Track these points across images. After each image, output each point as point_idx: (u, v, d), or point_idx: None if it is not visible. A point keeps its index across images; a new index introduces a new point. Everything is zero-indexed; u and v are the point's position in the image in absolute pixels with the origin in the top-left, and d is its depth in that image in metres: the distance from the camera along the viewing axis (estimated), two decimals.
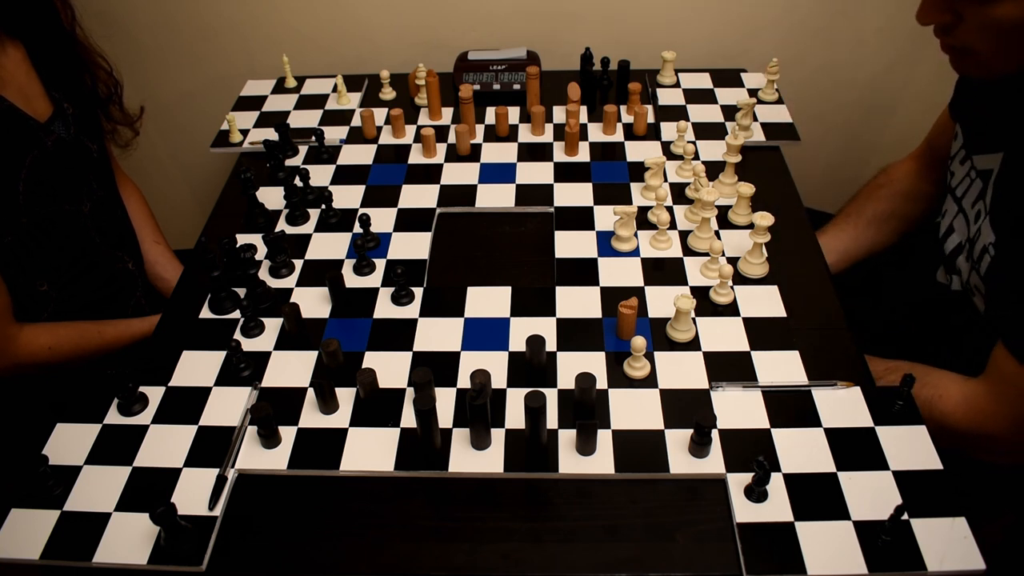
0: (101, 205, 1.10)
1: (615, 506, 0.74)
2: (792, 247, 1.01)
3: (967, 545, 0.68)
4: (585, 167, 1.16)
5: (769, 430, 0.79)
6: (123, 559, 0.70)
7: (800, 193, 1.11)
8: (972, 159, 0.95)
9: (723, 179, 1.09)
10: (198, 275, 1.01)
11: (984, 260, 0.89)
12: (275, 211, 1.10)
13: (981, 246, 0.90)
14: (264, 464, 0.78)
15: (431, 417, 0.76)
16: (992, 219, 0.88)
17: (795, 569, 0.67)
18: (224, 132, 1.24)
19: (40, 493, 0.75)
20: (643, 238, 1.03)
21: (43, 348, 1.00)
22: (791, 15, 1.48)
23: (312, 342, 0.91)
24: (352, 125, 1.27)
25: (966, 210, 0.96)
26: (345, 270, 1.00)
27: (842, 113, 1.64)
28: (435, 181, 1.14)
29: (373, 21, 1.49)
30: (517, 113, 1.27)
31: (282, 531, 0.73)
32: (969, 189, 0.95)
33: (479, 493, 0.76)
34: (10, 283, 0.97)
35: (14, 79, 0.98)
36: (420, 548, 0.72)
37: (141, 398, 0.84)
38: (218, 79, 1.57)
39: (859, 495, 0.73)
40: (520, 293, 0.96)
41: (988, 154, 0.91)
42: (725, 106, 1.27)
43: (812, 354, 0.87)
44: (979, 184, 0.93)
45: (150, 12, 1.49)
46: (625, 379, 0.85)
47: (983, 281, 0.90)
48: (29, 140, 0.97)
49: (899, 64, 1.55)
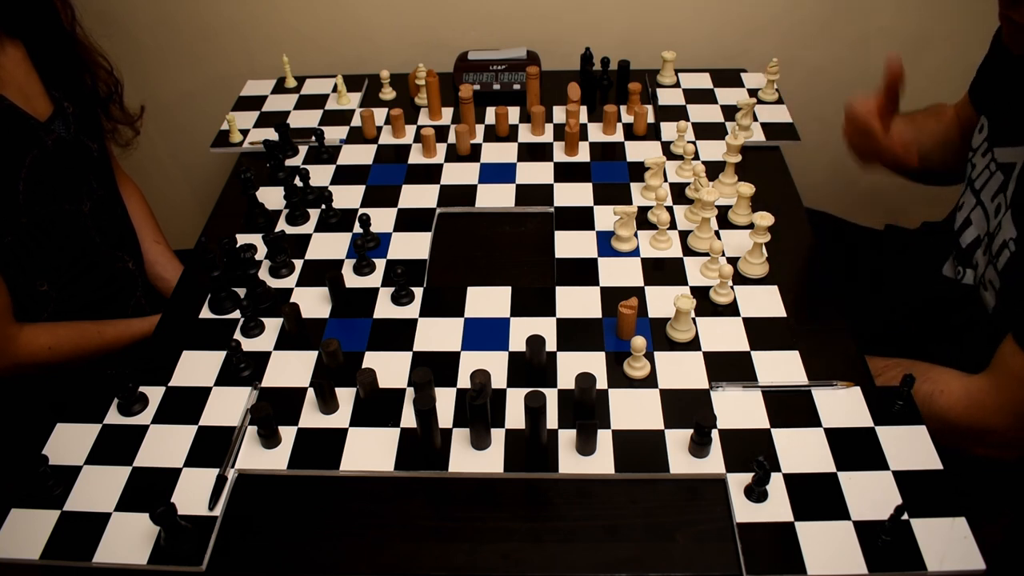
0: (101, 205, 1.10)
1: (615, 506, 0.74)
2: (792, 247, 1.01)
3: (967, 545, 0.68)
4: (585, 167, 1.16)
5: (769, 430, 0.79)
6: (123, 559, 0.70)
7: (800, 193, 1.11)
8: (993, 151, 0.95)
9: (723, 179, 1.09)
10: (198, 275, 1.01)
11: (1003, 255, 0.88)
12: (275, 211, 1.10)
13: (1000, 241, 0.89)
14: (264, 464, 0.78)
15: (431, 417, 0.76)
16: (1015, 214, 0.87)
17: (795, 569, 0.67)
18: (224, 132, 1.24)
19: (40, 493, 0.75)
20: (643, 238, 1.03)
21: (43, 348, 1.00)
22: (791, 15, 1.48)
23: (312, 342, 0.91)
24: (352, 125, 1.27)
25: (985, 203, 0.95)
26: (345, 270, 1.00)
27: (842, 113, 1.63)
28: (435, 181, 1.14)
29: (373, 21, 1.49)
30: (517, 113, 1.27)
31: (282, 531, 0.73)
32: (989, 182, 0.95)
33: (479, 493, 0.76)
34: (10, 283, 0.97)
35: (14, 78, 0.98)
36: (420, 548, 0.72)
37: (141, 398, 0.84)
38: (218, 79, 1.57)
39: (859, 495, 0.73)
40: (520, 293, 0.96)
41: (1011, 147, 0.91)
42: (725, 106, 1.27)
43: (812, 354, 0.87)
44: (1000, 177, 0.92)
45: (150, 12, 1.49)
46: (625, 379, 0.85)
47: (999, 276, 0.90)
48: (29, 139, 0.97)
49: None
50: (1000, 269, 0.89)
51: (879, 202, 1.73)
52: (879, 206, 1.73)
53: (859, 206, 1.70)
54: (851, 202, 1.71)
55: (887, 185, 1.75)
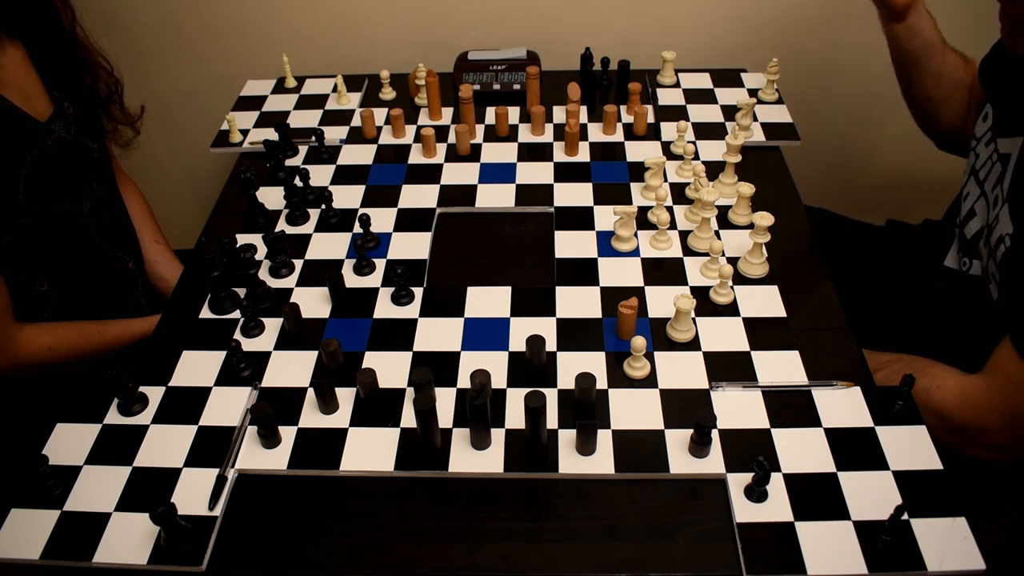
0: (101, 204, 1.10)
1: (615, 506, 0.74)
2: (792, 247, 1.01)
3: (967, 545, 0.68)
4: (585, 167, 1.16)
5: (769, 430, 0.79)
6: (123, 559, 0.70)
7: (800, 193, 1.11)
8: (996, 142, 0.95)
9: (723, 179, 1.09)
10: (198, 275, 1.01)
11: (1000, 249, 0.88)
12: (275, 211, 1.10)
13: (997, 235, 0.89)
14: (264, 464, 0.78)
15: (431, 417, 0.76)
16: (1012, 208, 0.87)
17: (795, 569, 0.67)
18: (224, 132, 1.24)
19: (40, 493, 0.75)
20: (643, 238, 1.03)
21: (43, 348, 1.00)
22: (791, 15, 1.48)
23: (312, 342, 0.91)
24: (352, 125, 1.27)
25: (987, 194, 0.96)
26: (345, 270, 1.00)
27: (842, 113, 1.64)
28: (435, 181, 1.14)
29: (373, 21, 1.49)
30: (517, 113, 1.27)
31: (282, 531, 0.73)
32: (990, 172, 0.95)
33: (479, 493, 0.76)
34: (10, 283, 0.97)
35: (14, 78, 0.98)
36: (420, 548, 0.72)
37: (141, 398, 0.84)
38: (218, 79, 1.57)
39: (859, 495, 0.73)
40: (520, 293, 0.96)
41: (1011, 137, 0.91)
42: (725, 106, 1.27)
43: (812, 354, 0.87)
44: (999, 168, 0.92)
45: (150, 12, 1.49)
46: (625, 379, 0.85)
47: (999, 270, 0.90)
48: (29, 139, 0.97)
49: None
50: (998, 263, 0.89)
51: (880, 202, 1.73)
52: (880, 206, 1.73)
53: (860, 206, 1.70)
54: (852, 202, 1.71)
55: (888, 185, 1.75)
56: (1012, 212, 0.86)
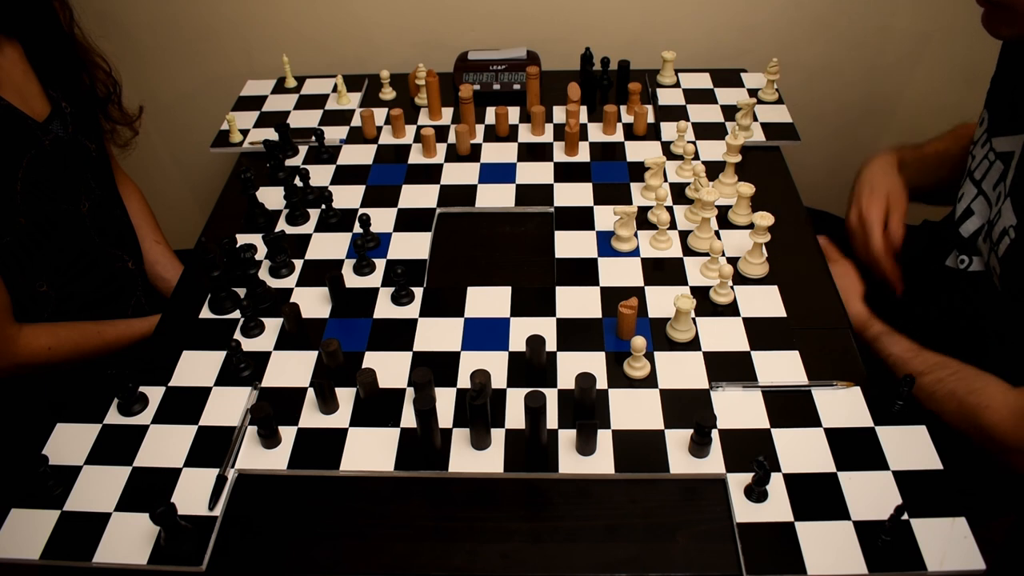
0: (100, 204, 1.10)
1: (615, 506, 0.74)
2: (792, 247, 1.01)
3: (967, 545, 0.68)
4: (585, 167, 1.16)
5: (769, 430, 0.79)
6: (123, 559, 0.70)
7: (800, 193, 1.11)
8: (992, 141, 0.95)
9: (723, 179, 1.09)
10: (198, 275, 1.01)
11: (1003, 242, 0.89)
12: (275, 211, 1.10)
13: (1000, 228, 0.90)
14: (264, 464, 0.78)
15: (431, 417, 0.76)
16: (1015, 201, 0.87)
17: (795, 569, 0.67)
18: (224, 132, 1.24)
19: (40, 493, 0.75)
20: (643, 238, 1.03)
21: (43, 348, 1.00)
22: (791, 15, 1.48)
23: (312, 342, 0.91)
24: (352, 125, 1.27)
25: (987, 192, 0.96)
26: (345, 270, 1.00)
27: (842, 113, 1.64)
28: (435, 181, 1.14)
29: (373, 21, 1.49)
30: (517, 113, 1.27)
31: (282, 531, 0.73)
32: (989, 171, 0.95)
33: (479, 493, 0.76)
34: (10, 283, 0.97)
35: (11, 78, 0.98)
36: (420, 548, 0.72)
37: (141, 398, 0.84)
38: (218, 79, 1.57)
39: (859, 495, 0.73)
40: (520, 293, 0.96)
41: (1009, 136, 0.91)
42: (725, 106, 1.27)
43: (812, 354, 0.87)
44: (999, 166, 0.93)
45: (150, 12, 1.49)
46: (625, 379, 0.85)
47: (1000, 263, 0.90)
48: (27, 139, 0.97)
49: (899, 64, 1.55)
50: (1000, 256, 0.89)
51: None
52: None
53: None
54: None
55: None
56: (1015, 205, 0.87)
